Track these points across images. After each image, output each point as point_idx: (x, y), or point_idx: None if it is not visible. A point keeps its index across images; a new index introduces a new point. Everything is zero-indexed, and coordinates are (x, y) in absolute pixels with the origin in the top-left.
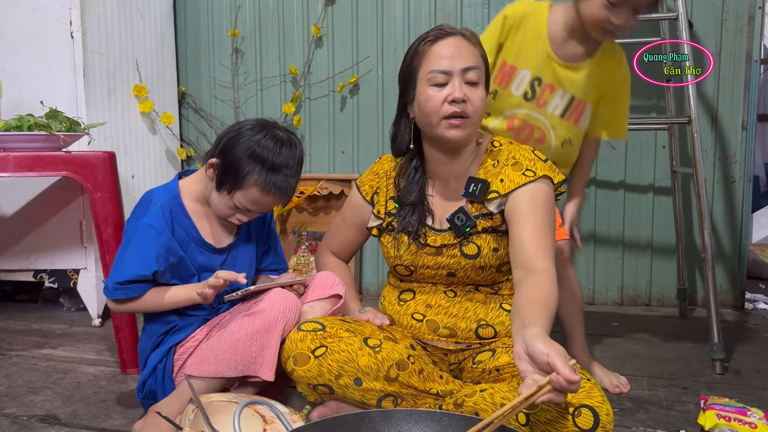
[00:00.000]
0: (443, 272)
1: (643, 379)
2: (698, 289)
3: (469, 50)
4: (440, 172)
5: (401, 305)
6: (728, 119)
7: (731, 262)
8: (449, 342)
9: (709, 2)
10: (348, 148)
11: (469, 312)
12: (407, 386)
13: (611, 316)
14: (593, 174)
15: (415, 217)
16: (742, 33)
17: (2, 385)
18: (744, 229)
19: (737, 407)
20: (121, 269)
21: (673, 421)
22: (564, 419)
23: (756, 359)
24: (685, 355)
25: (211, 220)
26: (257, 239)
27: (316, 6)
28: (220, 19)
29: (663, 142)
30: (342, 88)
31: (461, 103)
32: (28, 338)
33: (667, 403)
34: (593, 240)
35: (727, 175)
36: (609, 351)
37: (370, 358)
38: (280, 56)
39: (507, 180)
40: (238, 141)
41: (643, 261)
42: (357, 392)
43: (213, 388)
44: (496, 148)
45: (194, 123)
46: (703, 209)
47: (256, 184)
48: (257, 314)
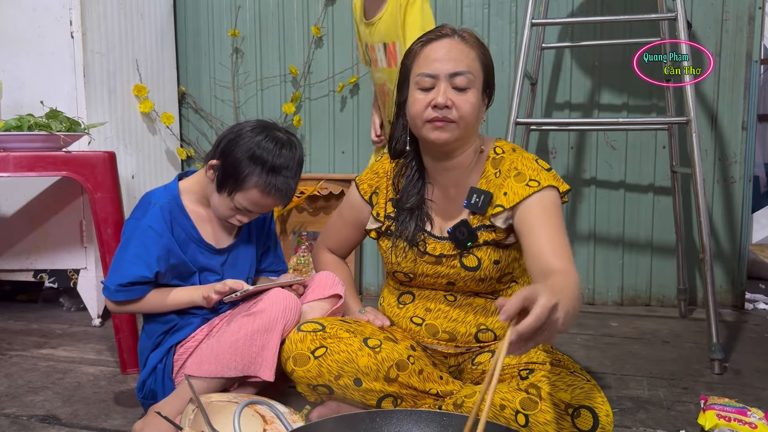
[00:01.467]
0: (443, 281)
1: (643, 379)
2: (698, 289)
3: (462, 53)
4: (439, 179)
5: (400, 308)
6: (728, 119)
7: (731, 262)
8: (449, 346)
9: (709, 2)
10: (348, 149)
11: (469, 317)
12: (407, 387)
13: (611, 316)
14: (593, 173)
15: (412, 223)
16: (742, 33)
17: (2, 385)
18: (744, 230)
19: (737, 407)
20: (121, 271)
21: (673, 421)
22: (563, 420)
23: (756, 359)
24: (685, 355)
25: (212, 221)
26: (257, 240)
27: (316, 6)
28: (221, 19)
29: (663, 142)
30: (342, 88)
31: (443, 108)
32: (28, 338)
33: (667, 403)
34: (593, 240)
35: (727, 175)
36: (609, 351)
37: (370, 358)
38: (280, 56)
39: (511, 193)
40: (238, 142)
41: (643, 261)
42: (357, 393)
43: (213, 388)
44: (499, 155)
45: (194, 123)
46: (702, 209)
47: (256, 186)
48: (257, 314)
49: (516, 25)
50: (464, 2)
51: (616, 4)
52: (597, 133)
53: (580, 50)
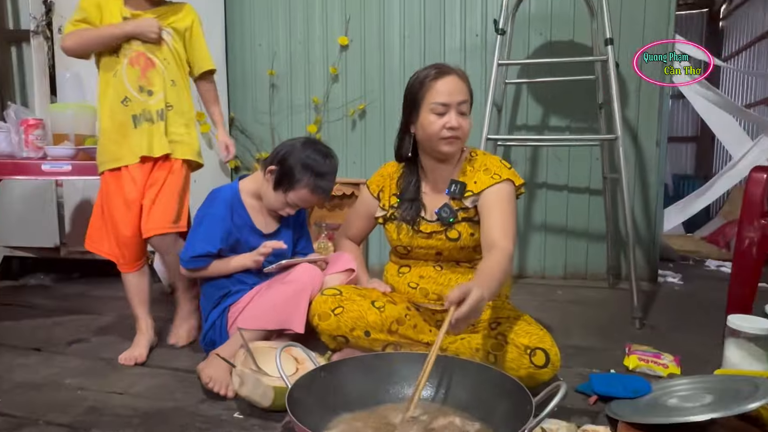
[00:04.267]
0: (432, 252)
1: (581, 332)
2: (622, 266)
3: (462, 87)
4: (432, 176)
5: (400, 276)
6: (646, 138)
7: (647, 246)
8: (437, 304)
9: (632, 48)
10: (357, 160)
11: (452, 281)
12: (404, 337)
13: (557, 287)
14: (544, 179)
15: (413, 210)
16: (658, 71)
17: (113, 334)
18: (657, 223)
19: (653, 352)
20: (193, 247)
21: (604, 363)
22: (523, 358)
23: (666, 318)
24: (613, 315)
25: (262, 211)
26: (293, 228)
27: (334, 52)
28: (261, 62)
29: (596, 155)
30: (353, 113)
31: (456, 129)
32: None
33: (600, 350)
34: (544, 229)
35: (645, 181)
36: (556, 312)
37: (377, 316)
38: (305, 90)
39: (479, 182)
40: (292, 153)
41: (581, 245)
42: (366, 341)
43: (258, 338)
44: (473, 157)
45: (240, 140)
46: (626, 206)
47: (306, 186)
48: (291, 283)
49: (486, 67)
50: (446, 50)
51: (562, 49)
52: (547, 148)
53: (534, 85)
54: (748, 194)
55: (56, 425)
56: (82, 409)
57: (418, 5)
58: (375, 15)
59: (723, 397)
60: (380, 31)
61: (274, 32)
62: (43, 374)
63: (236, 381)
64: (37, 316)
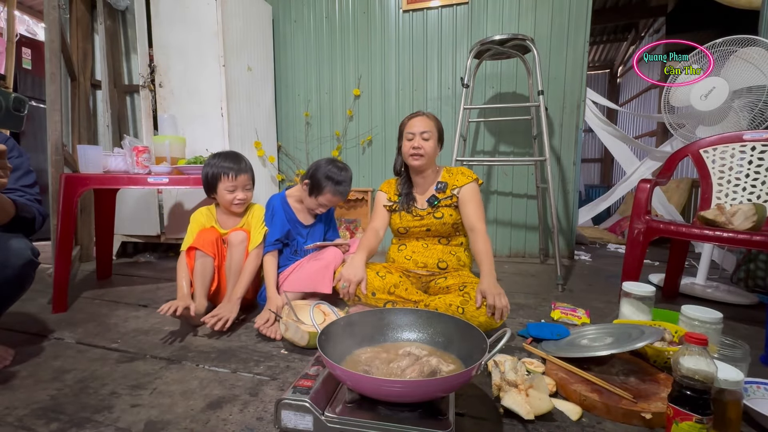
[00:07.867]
0: (423, 229)
1: (521, 294)
2: (550, 248)
3: (426, 123)
4: (416, 182)
5: (399, 252)
6: (566, 159)
7: (567, 234)
8: (423, 270)
9: (556, 97)
10: (366, 174)
11: (434, 254)
12: (399, 297)
13: (505, 263)
14: (496, 188)
15: (408, 203)
16: (574, 114)
17: (165, 298)
18: (573, 218)
19: (571, 308)
20: (269, 237)
21: (537, 315)
22: (481, 310)
23: (580, 284)
24: (543, 282)
25: (303, 210)
26: (325, 221)
27: (349, 100)
28: (299, 106)
29: (532, 171)
30: (363, 143)
31: (418, 148)
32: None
33: (535, 306)
34: (496, 223)
35: (566, 189)
36: (504, 280)
37: (380, 282)
38: (330, 126)
39: (459, 181)
40: (319, 169)
41: (521, 233)
42: (373, 300)
43: (297, 297)
44: (450, 169)
45: (285, 162)
46: (552, 206)
47: (329, 191)
48: (321, 259)
49: (455, 110)
50: (428, 99)
51: (507, 97)
52: (497, 166)
53: (489, 122)
54: (636, 198)
55: (158, 359)
56: (176, 347)
57: (408, 68)
58: (378, 74)
59: (619, 338)
60: (382, 86)
61: (308, 86)
62: (150, 323)
63: (282, 327)
64: (145, 283)
